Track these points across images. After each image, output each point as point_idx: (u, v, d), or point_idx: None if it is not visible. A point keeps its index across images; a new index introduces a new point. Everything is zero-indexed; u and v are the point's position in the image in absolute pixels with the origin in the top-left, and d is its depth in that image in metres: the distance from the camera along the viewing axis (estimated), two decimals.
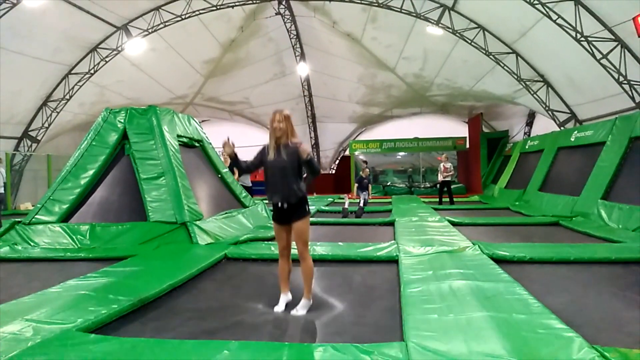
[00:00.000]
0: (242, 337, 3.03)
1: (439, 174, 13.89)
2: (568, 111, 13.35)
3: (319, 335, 3.23)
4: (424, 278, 4.28)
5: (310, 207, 3.84)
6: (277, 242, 3.86)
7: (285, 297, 3.80)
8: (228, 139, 3.74)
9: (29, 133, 15.50)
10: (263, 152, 3.78)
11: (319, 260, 5.52)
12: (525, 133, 19.20)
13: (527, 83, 13.60)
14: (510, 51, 13.25)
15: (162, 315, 3.64)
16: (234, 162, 3.82)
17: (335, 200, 16.09)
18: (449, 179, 13.65)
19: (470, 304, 3.48)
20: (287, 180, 3.63)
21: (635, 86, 9.88)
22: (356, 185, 12.11)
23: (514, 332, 2.85)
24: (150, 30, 14.63)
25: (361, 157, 20.85)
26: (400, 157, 22.26)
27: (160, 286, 4.14)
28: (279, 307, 3.72)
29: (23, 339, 2.84)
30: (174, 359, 2.58)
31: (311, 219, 9.68)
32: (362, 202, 11.48)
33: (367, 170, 12.90)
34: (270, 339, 2.91)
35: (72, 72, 15.04)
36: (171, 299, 4.06)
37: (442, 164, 13.74)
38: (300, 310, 3.63)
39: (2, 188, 9.18)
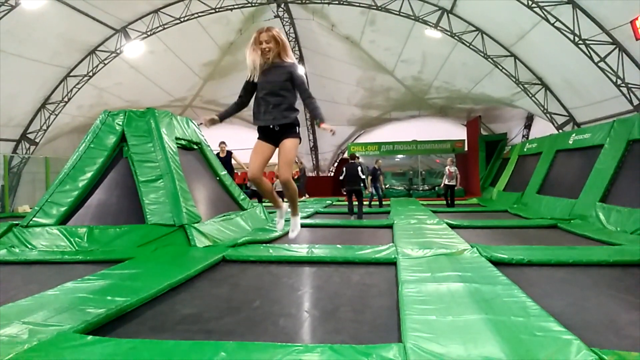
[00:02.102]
0: (240, 338, 3.03)
1: (445, 178, 13.89)
2: (566, 114, 13.39)
3: (317, 336, 3.23)
4: (422, 280, 4.28)
5: (299, 130, 3.66)
6: (251, 162, 3.57)
7: (281, 212, 3.77)
8: (205, 121, 3.65)
9: (27, 135, 15.49)
10: (253, 75, 3.60)
11: (318, 263, 5.53)
12: (523, 136, 19.26)
13: (526, 86, 13.64)
14: (509, 54, 13.29)
15: (160, 316, 3.64)
16: (224, 116, 3.70)
17: (334, 203, 16.10)
18: (453, 182, 13.68)
19: (468, 306, 3.47)
20: (280, 100, 3.47)
21: (633, 89, 9.92)
22: (370, 177, 12.57)
23: (512, 335, 2.85)
24: (149, 33, 14.64)
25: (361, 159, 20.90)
26: (398, 159, 22.28)
27: (158, 288, 4.13)
28: (281, 225, 3.76)
29: (20, 341, 2.82)
30: None
31: (309, 221, 9.81)
32: (375, 192, 12.99)
33: (380, 161, 13.56)
34: (268, 340, 2.91)
35: (71, 74, 15.04)
36: (169, 300, 4.05)
37: (447, 168, 13.77)
38: (295, 230, 3.69)
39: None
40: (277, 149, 3.58)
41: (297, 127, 3.59)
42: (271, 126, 3.49)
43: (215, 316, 3.65)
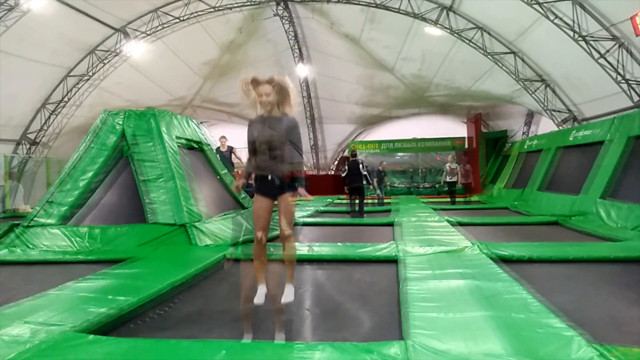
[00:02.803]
0: (241, 337, 3.03)
1: (446, 175, 13.96)
2: (567, 111, 13.37)
3: (318, 334, 3.23)
4: (423, 278, 4.28)
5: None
6: (256, 220, 3.47)
7: (263, 289, 3.50)
8: (237, 188, 3.73)
9: (28, 136, 15.50)
10: (252, 128, 3.50)
11: (318, 261, 5.54)
12: (524, 133, 19.23)
13: (526, 83, 13.61)
14: (509, 51, 13.27)
15: (161, 315, 3.64)
16: (248, 176, 3.62)
17: (335, 201, 16.10)
18: (454, 179, 13.72)
19: (469, 303, 3.47)
20: (280, 153, 3.39)
21: (633, 85, 9.89)
22: (376, 179, 12.93)
23: (513, 332, 2.85)
24: (148, 33, 14.65)
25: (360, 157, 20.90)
26: (399, 157, 22.27)
27: (159, 287, 4.13)
28: (260, 299, 3.44)
29: (22, 341, 2.84)
30: (172, 359, 2.58)
31: (310, 219, 9.81)
32: (382, 193, 13.81)
33: (385, 163, 14.75)
34: (269, 339, 2.91)
35: (71, 74, 15.05)
36: (170, 299, 4.06)
37: (447, 165, 13.82)
38: (289, 297, 3.44)
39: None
40: (277, 201, 3.49)
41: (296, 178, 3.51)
42: (270, 177, 3.42)
43: (216, 315, 3.66)
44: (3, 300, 3.95)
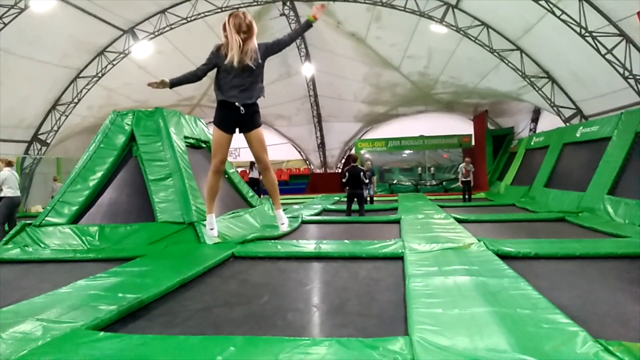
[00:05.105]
0: (248, 332, 3.08)
1: (461, 176, 14.32)
2: (573, 107, 13.30)
3: (324, 330, 3.27)
4: (429, 274, 4.30)
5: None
6: (215, 154, 3.58)
7: (212, 217, 3.73)
8: (154, 84, 3.62)
9: (39, 136, 15.69)
10: (218, 55, 3.53)
11: (325, 258, 5.58)
12: (530, 129, 19.15)
13: (532, 79, 13.56)
14: (515, 48, 13.22)
15: (170, 312, 3.69)
16: (176, 83, 3.67)
17: (342, 199, 16.12)
18: (469, 179, 14.03)
19: (474, 299, 3.49)
20: (252, 82, 3.48)
21: None
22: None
23: (518, 327, 2.86)
24: (156, 33, 14.75)
25: (367, 155, 20.94)
26: (406, 155, 22.30)
27: (168, 284, 4.19)
28: (213, 230, 3.72)
29: (34, 338, 2.88)
30: (181, 355, 2.62)
31: (318, 217, 9.84)
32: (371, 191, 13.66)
33: (369, 163, 14.54)
34: (276, 334, 2.95)
35: (80, 75, 15.20)
36: (179, 296, 4.11)
37: (462, 167, 14.10)
38: (285, 223, 3.70)
39: (18, 190, 9.16)
40: (245, 137, 3.62)
41: (259, 113, 3.63)
42: (238, 105, 3.48)
43: (225, 311, 3.71)
44: (16, 298, 4.02)
